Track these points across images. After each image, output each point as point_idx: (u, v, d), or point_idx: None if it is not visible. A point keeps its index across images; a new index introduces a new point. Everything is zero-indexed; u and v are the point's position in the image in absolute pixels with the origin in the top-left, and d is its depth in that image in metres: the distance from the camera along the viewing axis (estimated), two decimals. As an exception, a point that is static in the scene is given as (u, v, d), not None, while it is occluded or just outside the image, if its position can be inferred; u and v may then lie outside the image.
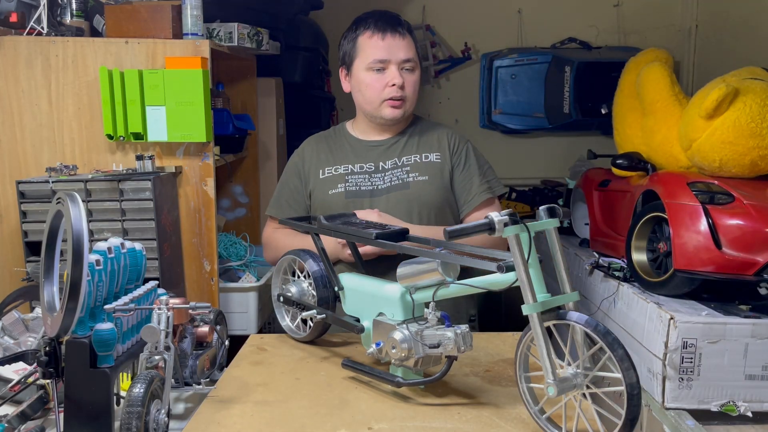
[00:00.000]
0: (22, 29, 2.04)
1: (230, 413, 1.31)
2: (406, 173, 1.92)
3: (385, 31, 1.88)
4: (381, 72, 1.88)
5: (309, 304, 1.59)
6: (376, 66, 1.88)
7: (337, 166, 1.96)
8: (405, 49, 1.88)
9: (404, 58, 1.88)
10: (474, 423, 1.25)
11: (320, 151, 2.01)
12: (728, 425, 1.72)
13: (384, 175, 1.93)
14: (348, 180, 1.93)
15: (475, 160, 1.96)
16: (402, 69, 1.88)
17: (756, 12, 3.12)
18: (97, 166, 2.06)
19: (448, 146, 1.96)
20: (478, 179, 1.94)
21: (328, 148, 2.01)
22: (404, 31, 1.90)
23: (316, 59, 3.56)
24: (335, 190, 1.93)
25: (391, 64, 1.87)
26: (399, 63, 1.87)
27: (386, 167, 1.94)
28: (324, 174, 1.96)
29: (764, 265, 1.70)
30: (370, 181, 1.93)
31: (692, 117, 1.92)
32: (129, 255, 1.39)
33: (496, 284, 1.24)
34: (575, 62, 3.63)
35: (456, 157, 1.95)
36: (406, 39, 1.89)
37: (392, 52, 1.87)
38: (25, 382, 1.39)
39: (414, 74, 1.91)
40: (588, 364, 1.16)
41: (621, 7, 3.90)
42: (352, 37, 1.94)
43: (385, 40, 1.87)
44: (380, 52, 1.87)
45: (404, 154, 1.95)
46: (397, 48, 1.87)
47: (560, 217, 1.21)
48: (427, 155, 1.94)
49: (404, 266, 1.36)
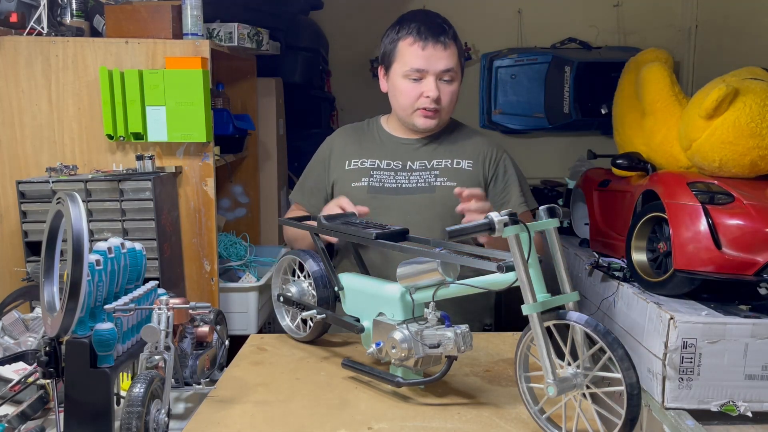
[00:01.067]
0: (22, 29, 2.04)
1: (230, 413, 1.31)
2: (434, 177, 1.87)
3: (427, 39, 1.80)
4: (418, 81, 1.82)
5: (309, 304, 1.59)
6: (413, 75, 1.82)
7: (364, 160, 1.93)
8: (446, 59, 1.81)
9: (443, 68, 1.81)
10: (474, 423, 1.25)
11: (350, 142, 1.98)
12: (728, 425, 1.72)
13: (410, 175, 1.89)
14: (372, 175, 1.90)
15: (514, 172, 1.92)
16: (440, 80, 1.82)
17: (756, 12, 3.12)
18: (97, 166, 2.06)
19: (484, 156, 1.91)
20: (517, 192, 1.90)
21: (358, 139, 1.98)
22: (448, 40, 1.82)
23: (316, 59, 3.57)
24: (358, 183, 1.90)
25: (428, 75, 1.81)
26: (437, 74, 1.81)
27: (414, 167, 1.90)
28: (350, 166, 1.93)
29: (764, 265, 1.70)
30: (395, 178, 1.89)
31: (692, 117, 1.92)
32: (129, 255, 1.39)
33: (496, 284, 1.24)
34: (575, 62, 3.63)
35: (492, 168, 1.91)
36: (448, 49, 1.82)
37: (431, 63, 1.80)
38: (25, 382, 1.39)
39: (452, 85, 1.85)
40: (588, 364, 1.16)
41: (621, 7, 3.90)
42: (394, 38, 1.87)
43: (425, 50, 1.80)
44: (419, 62, 1.80)
45: (435, 157, 1.90)
46: (437, 58, 1.80)
47: (560, 217, 1.21)
48: (459, 162, 1.89)
49: (404, 266, 1.36)
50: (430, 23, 1.83)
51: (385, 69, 1.91)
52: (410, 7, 4.13)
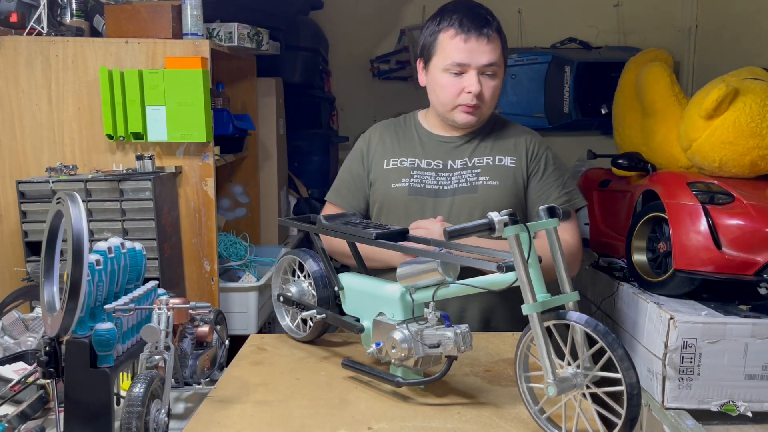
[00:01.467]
0: (22, 29, 2.04)
1: (230, 413, 1.31)
2: (476, 176, 1.79)
3: (469, 32, 1.71)
4: (458, 76, 1.74)
5: (309, 304, 1.59)
6: (454, 69, 1.74)
7: (404, 159, 1.86)
8: (489, 53, 1.72)
9: (486, 62, 1.72)
10: (474, 423, 1.25)
11: (387, 140, 1.90)
12: (728, 425, 1.72)
13: (452, 175, 1.81)
14: (413, 175, 1.83)
15: (555, 169, 1.83)
16: (482, 74, 1.74)
17: (756, 12, 3.12)
18: (97, 166, 2.06)
19: (526, 151, 1.83)
20: (557, 190, 1.80)
21: (395, 136, 1.90)
22: (492, 33, 1.73)
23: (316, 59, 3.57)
24: (398, 184, 1.83)
25: (470, 69, 1.73)
26: (479, 68, 1.73)
27: (455, 167, 1.82)
28: (389, 165, 1.86)
29: (764, 265, 1.70)
30: (436, 179, 1.82)
31: (692, 117, 1.92)
32: (129, 255, 1.39)
33: (496, 284, 1.24)
34: (575, 62, 3.63)
35: (534, 163, 1.82)
36: (492, 42, 1.73)
37: (473, 57, 1.72)
38: (25, 382, 1.39)
39: (495, 79, 1.76)
40: (588, 364, 1.16)
41: (621, 7, 3.90)
42: (434, 30, 1.78)
43: (467, 43, 1.71)
44: (460, 55, 1.72)
45: (476, 155, 1.82)
46: (480, 52, 1.71)
47: (560, 217, 1.21)
48: (501, 158, 1.81)
49: (404, 266, 1.36)
50: (473, 15, 1.74)
51: (425, 62, 1.83)
52: (409, 7, 4.14)
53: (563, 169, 1.86)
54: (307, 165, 3.58)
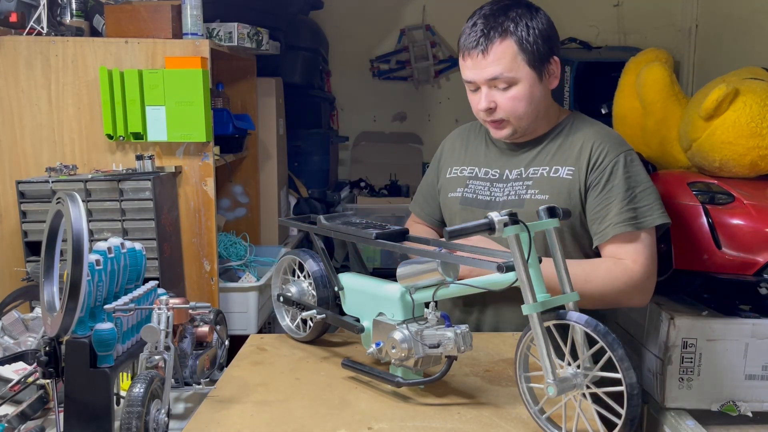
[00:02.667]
0: (22, 29, 2.04)
1: (230, 413, 1.31)
2: (526, 188, 1.66)
3: (465, 49, 1.64)
4: (476, 92, 1.67)
5: (309, 304, 1.59)
6: (469, 87, 1.68)
7: (464, 167, 1.79)
8: (489, 66, 1.60)
9: (489, 77, 1.60)
10: (474, 423, 1.25)
11: (457, 146, 1.85)
12: (728, 425, 1.72)
13: (505, 186, 1.70)
14: (468, 185, 1.76)
15: (623, 180, 1.60)
16: (492, 88, 1.63)
17: (756, 12, 3.12)
18: (97, 166, 2.06)
19: (588, 160, 1.63)
20: (618, 206, 1.58)
21: (466, 143, 1.84)
22: (489, 43, 1.59)
23: (316, 59, 3.57)
24: (453, 194, 1.78)
25: (480, 84, 1.64)
26: (487, 83, 1.62)
27: (510, 177, 1.71)
28: (450, 173, 1.82)
29: (764, 265, 1.70)
30: (489, 190, 1.72)
31: (692, 117, 1.92)
32: (129, 255, 1.39)
33: (496, 284, 1.24)
34: (575, 62, 3.63)
35: (596, 173, 1.62)
36: (491, 54, 1.59)
37: (476, 74, 1.62)
38: (25, 382, 1.39)
39: (510, 91, 1.61)
40: (588, 364, 1.16)
41: (621, 7, 3.90)
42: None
43: (466, 61, 1.64)
44: (467, 74, 1.65)
45: (534, 165, 1.69)
46: (480, 68, 1.61)
47: (560, 217, 1.21)
48: (557, 169, 1.65)
49: (404, 266, 1.36)
50: (473, 27, 1.64)
51: None
52: (409, 8, 4.14)
53: (634, 181, 1.61)
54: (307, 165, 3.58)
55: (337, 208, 3.66)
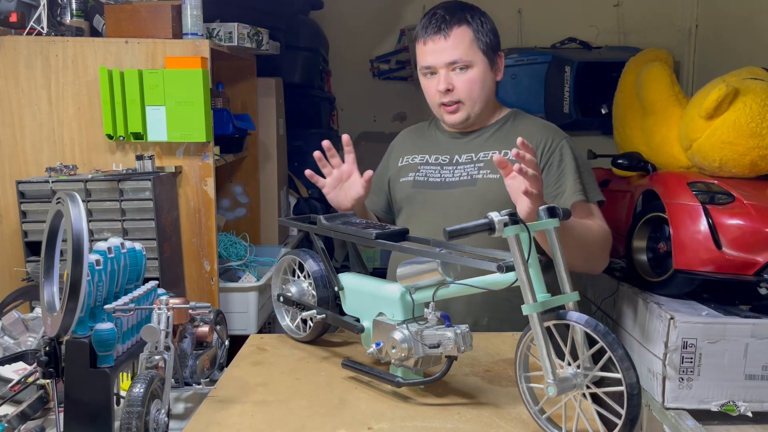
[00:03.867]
0: (22, 29, 2.04)
1: (230, 413, 1.31)
2: (478, 169, 1.83)
3: (427, 34, 1.79)
4: (432, 76, 1.82)
5: (309, 304, 1.59)
6: (426, 72, 1.83)
7: (415, 155, 1.94)
8: (450, 49, 1.77)
9: (449, 60, 1.77)
10: (474, 423, 1.25)
11: (408, 140, 2.01)
12: (728, 425, 1.72)
13: (455, 169, 1.86)
14: (419, 170, 1.90)
15: (572, 160, 1.79)
16: (452, 70, 1.78)
17: (756, 12, 3.12)
18: (97, 166, 2.06)
19: (536, 145, 1.80)
20: (572, 181, 1.77)
21: (418, 136, 2.00)
22: (449, 28, 1.77)
23: (316, 59, 3.57)
24: (405, 178, 1.92)
25: (438, 69, 1.79)
26: (445, 66, 1.78)
27: (460, 161, 1.86)
28: (402, 162, 1.96)
29: (764, 265, 1.70)
30: (440, 173, 1.87)
31: (692, 117, 1.92)
32: (129, 255, 1.39)
33: (496, 284, 1.24)
34: (575, 62, 3.63)
35: (546, 156, 1.80)
36: (452, 38, 1.77)
37: (436, 57, 1.78)
38: (25, 382, 1.39)
39: (466, 73, 1.78)
40: (588, 364, 1.16)
41: (621, 7, 3.90)
42: (414, 40, 1.88)
43: (427, 45, 1.80)
44: (425, 58, 1.81)
45: (484, 149, 1.85)
46: (439, 51, 1.78)
47: (560, 217, 1.21)
48: (506, 152, 1.79)
49: (404, 266, 1.36)
50: (433, 17, 1.81)
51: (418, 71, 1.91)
52: (409, 7, 4.14)
53: (581, 161, 1.82)
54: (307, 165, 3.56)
55: (338, 208, 3.65)
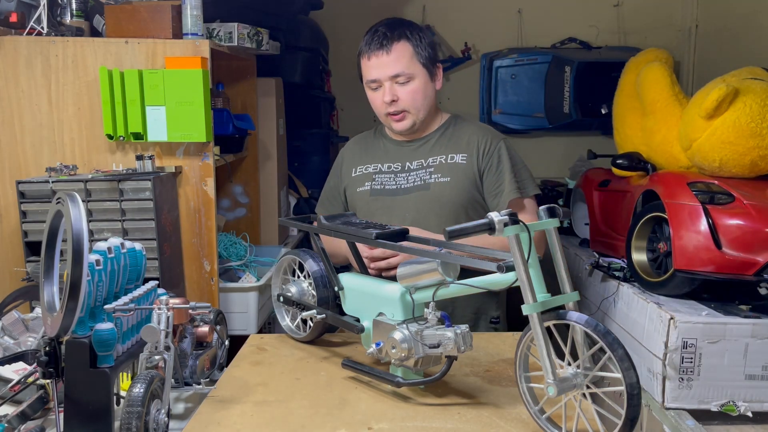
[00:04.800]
0: (22, 29, 2.04)
1: (230, 413, 1.31)
2: (429, 174, 1.92)
3: (370, 50, 1.89)
4: (378, 90, 1.91)
5: (309, 304, 1.59)
6: (371, 85, 1.92)
7: (368, 165, 2.01)
8: (392, 64, 1.87)
9: (392, 74, 1.87)
10: (474, 423, 1.25)
11: (357, 151, 2.07)
12: (728, 425, 1.72)
13: (408, 175, 1.94)
14: (375, 179, 1.97)
15: (508, 160, 1.92)
16: (396, 83, 1.88)
17: (756, 12, 3.12)
18: (97, 166, 2.06)
19: (478, 148, 1.93)
20: (509, 178, 1.90)
21: (365, 147, 2.07)
22: (390, 44, 1.87)
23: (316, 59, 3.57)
24: (362, 188, 1.98)
25: (382, 82, 1.89)
26: (389, 79, 1.88)
27: (412, 167, 1.95)
28: (356, 172, 2.02)
29: (764, 265, 1.70)
30: (394, 180, 1.95)
31: (692, 117, 1.92)
32: (129, 255, 1.39)
33: (496, 284, 1.24)
34: (575, 62, 3.63)
35: (486, 159, 1.92)
36: (393, 53, 1.87)
37: (380, 71, 1.88)
38: (25, 382, 1.39)
39: (408, 85, 1.89)
40: (588, 364, 1.16)
41: (621, 7, 3.90)
42: (358, 55, 1.96)
43: (371, 60, 1.89)
44: (369, 72, 1.90)
45: (432, 155, 1.95)
46: (383, 66, 1.87)
47: (560, 217, 1.21)
48: (452, 156, 1.93)
49: (404, 266, 1.36)
50: (374, 34, 1.91)
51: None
52: (409, 7, 4.14)
53: (516, 160, 1.94)
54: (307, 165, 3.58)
55: (338, 208, 3.66)
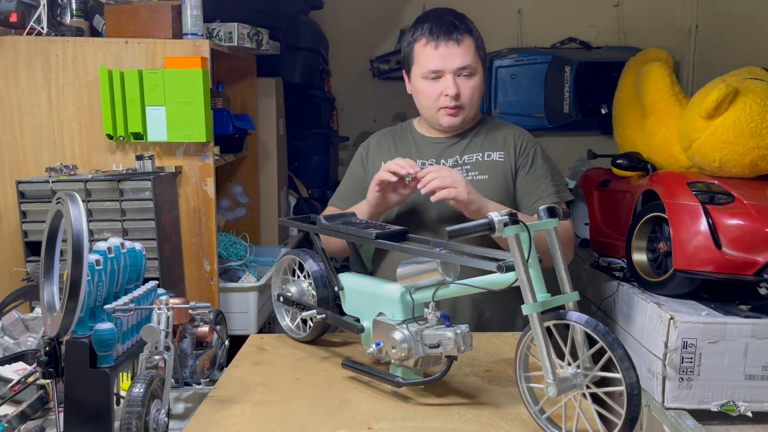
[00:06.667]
0: (22, 29, 2.04)
1: (230, 413, 1.31)
2: (466, 171, 1.87)
3: (438, 38, 1.80)
4: (436, 80, 1.83)
5: (309, 304, 1.59)
6: (430, 75, 1.83)
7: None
8: (461, 56, 1.80)
9: (459, 66, 1.80)
10: (474, 423, 1.25)
11: (385, 145, 2.00)
12: (728, 425, 1.72)
13: None
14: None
15: (543, 162, 1.89)
16: (458, 76, 1.81)
17: (756, 12, 3.12)
18: (97, 166, 2.06)
19: (514, 146, 1.89)
20: (545, 182, 1.87)
21: (393, 142, 2.00)
22: (461, 36, 1.80)
23: (316, 59, 3.57)
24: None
25: (445, 73, 1.81)
26: (454, 71, 1.81)
27: (447, 164, 1.89)
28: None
29: (764, 265, 1.70)
30: None
31: (692, 117, 1.92)
32: (129, 255, 1.39)
33: (496, 284, 1.24)
34: (575, 62, 3.63)
35: (522, 158, 1.89)
36: (462, 45, 1.80)
37: (446, 62, 1.80)
38: (25, 382, 1.39)
39: (472, 79, 1.83)
40: (588, 364, 1.16)
41: (621, 7, 3.90)
42: (410, 41, 1.88)
43: (438, 49, 1.80)
44: (434, 62, 1.81)
45: (467, 153, 1.90)
46: (451, 57, 1.80)
47: (560, 217, 1.21)
48: (489, 154, 1.88)
49: (404, 266, 1.36)
50: (441, 21, 1.82)
51: (407, 72, 1.92)
52: (409, 7, 4.14)
53: (552, 164, 1.92)
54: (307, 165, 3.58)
55: (338, 208, 3.66)
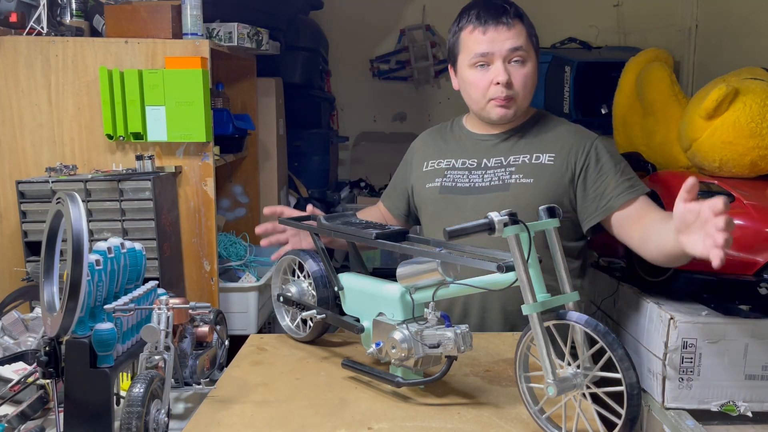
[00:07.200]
0: (22, 29, 2.04)
1: (230, 413, 1.31)
2: (510, 174, 1.75)
3: (486, 23, 1.70)
4: (485, 68, 1.72)
5: (309, 304, 1.59)
6: (478, 61, 1.72)
7: (441, 160, 1.87)
8: (512, 38, 1.69)
9: (510, 48, 1.69)
10: (474, 423, 1.25)
11: (430, 144, 1.94)
12: (728, 425, 1.72)
13: (485, 173, 1.79)
14: (446, 175, 1.83)
15: (609, 159, 1.74)
16: (509, 62, 1.71)
17: (756, 12, 3.12)
18: (96, 166, 2.06)
19: (569, 148, 1.76)
20: (614, 180, 1.72)
21: (440, 140, 1.93)
22: (510, 20, 1.70)
23: (316, 59, 3.57)
24: (431, 184, 1.85)
25: (495, 59, 1.70)
26: (505, 56, 1.70)
27: (489, 165, 1.79)
28: (427, 167, 1.89)
29: (764, 265, 1.69)
30: (468, 178, 1.80)
31: (692, 117, 1.92)
32: (129, 255, 1.39)
33: (496, 284, 1.24)
34: (575, 62, 3.63)
35: (581, 159, 1.75)
36: (513, 29, 1.70)
37: (495, 45, 1.69)
38: (25, 382, 1.39)
39: (525, 66, 1.72)
40: (588, 364, 1.16)
41: (621, 7, 3.90)
42: (456, 30, 1.78)
43: (487, 34, 1.70)
44: (482, 46, 1.70)
45: (513, 153, 1.79)
46: (501, 40, 1.69)
47: (560, 217, 1.21)
48: (538, 156, 1.76)
49: (404, 266, 1.36)
50: (488, 6, 1.74)
51: (453, 65, 1.83)
52: (409, 7, 4.14)
53: (617, 158, 1.78)
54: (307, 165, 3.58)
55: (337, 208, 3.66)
